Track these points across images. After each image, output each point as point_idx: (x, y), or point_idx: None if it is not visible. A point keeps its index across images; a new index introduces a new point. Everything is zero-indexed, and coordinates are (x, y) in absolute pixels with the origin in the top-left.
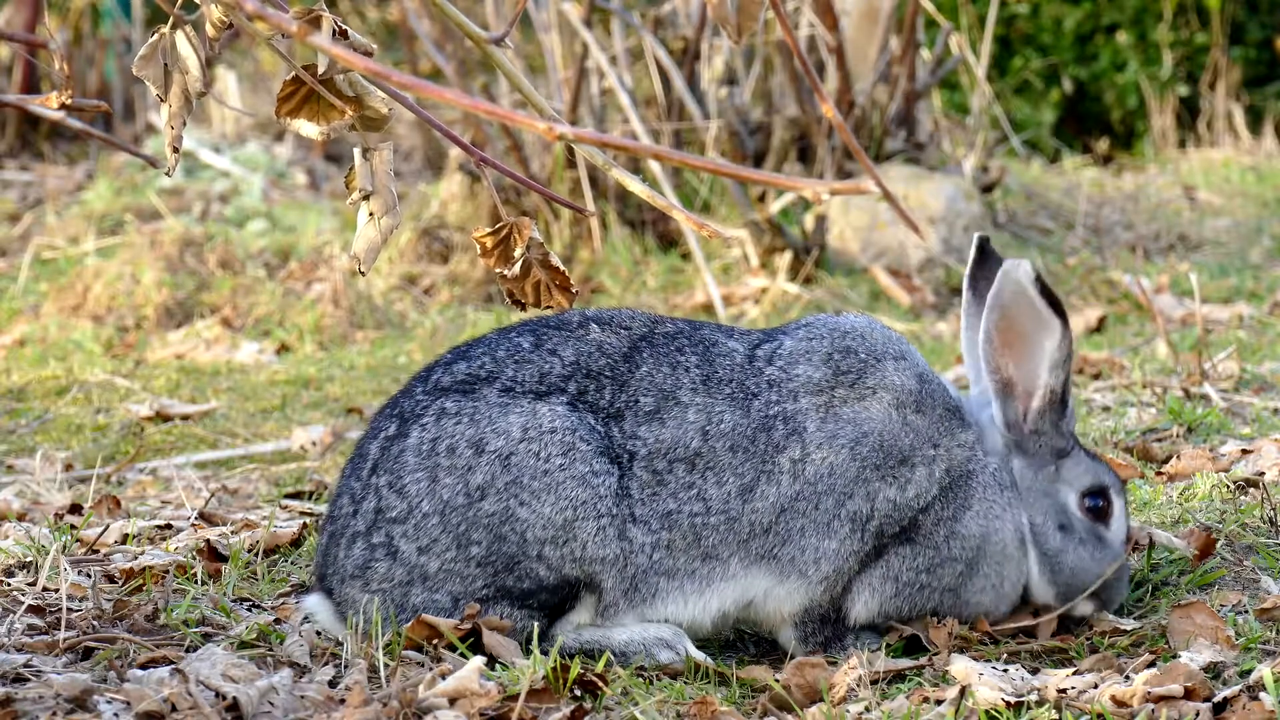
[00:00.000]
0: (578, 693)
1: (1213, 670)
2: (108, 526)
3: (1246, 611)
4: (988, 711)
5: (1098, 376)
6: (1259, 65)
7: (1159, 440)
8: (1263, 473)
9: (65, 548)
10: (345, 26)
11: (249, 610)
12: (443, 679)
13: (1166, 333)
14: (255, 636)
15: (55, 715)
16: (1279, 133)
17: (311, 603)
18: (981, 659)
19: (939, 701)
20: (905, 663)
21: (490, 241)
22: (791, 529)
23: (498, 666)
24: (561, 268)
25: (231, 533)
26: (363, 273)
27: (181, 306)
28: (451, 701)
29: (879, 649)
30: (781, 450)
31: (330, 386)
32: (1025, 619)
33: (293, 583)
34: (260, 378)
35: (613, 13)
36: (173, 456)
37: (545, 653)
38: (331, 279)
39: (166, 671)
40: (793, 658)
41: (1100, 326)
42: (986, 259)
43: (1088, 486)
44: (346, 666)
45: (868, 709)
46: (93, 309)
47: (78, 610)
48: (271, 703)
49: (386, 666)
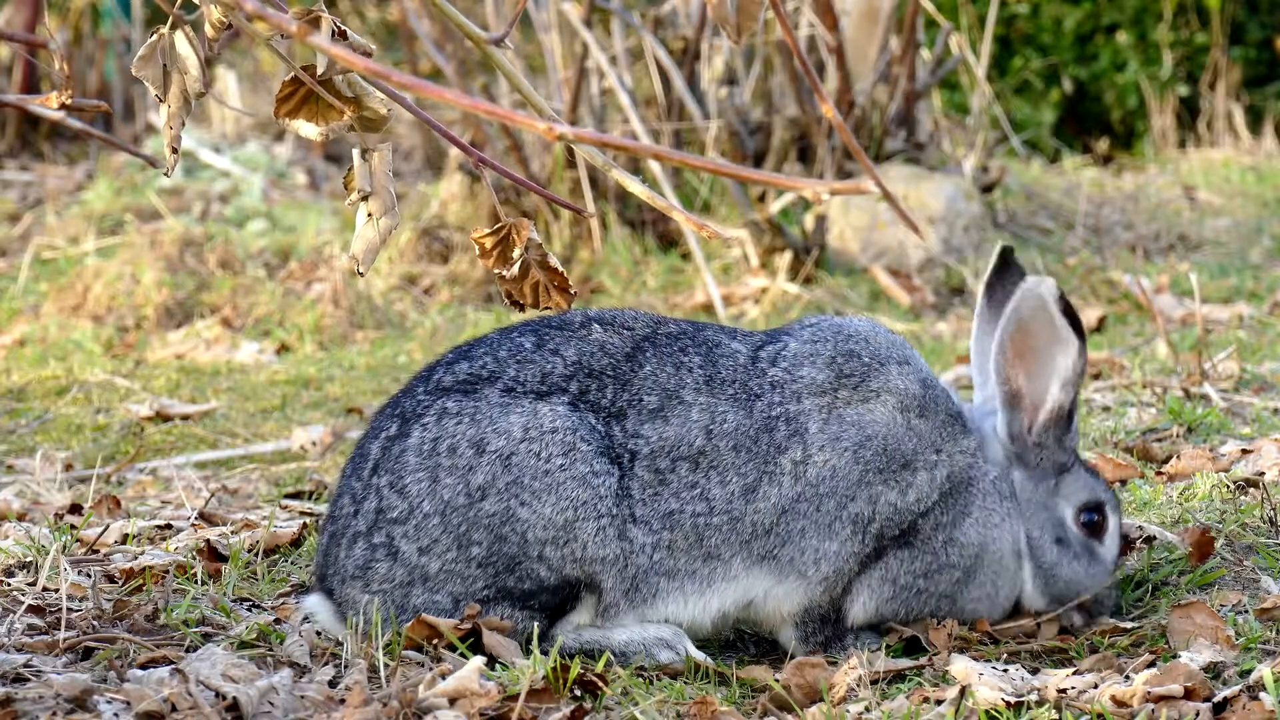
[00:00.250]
0: (578, 693)
1: (1213, 670)
2: (108, 526)
3: (1246, 611)
4: (988, 711)
5: (1098, 376)
6: (1259, 65)
7: (1159, 440)
8: (1263, 473)
9: (65, 548)
10: (344, 27)
11: (249, 610)
12: (443, 679)
13: (1166, 333)
14: (255, 636)
15: (55, 715)
16: (1279, 133)
17: (312, 603)
18: (981, 659)
19: (939, 701)
20: (905, 663)
21: (489, 242)
22: (792, 530)
23: (498, 666)
24: (560, 269)
25: (231, 533)
26: (361, 273)
27: (181, 306)
28: (451, 701)
29: (879, 649)
30: (784, 451)
31: (330, 386)
32: (1026, 622)
33: (293, 583)
34: (260, 378)
35: (613, 13)
36: (173, 456)
37: (545, 653)
38: (331, 279)
39: (166, 671)
40: (793, 657)
41: (1100, 326)
42: (1007, 268)
43: (1084, 502)
44: (346, 666)
45: (868, 709)
46: (93, 309)
47: (78, 610)
48: (271, 703)
49: (386, 666)
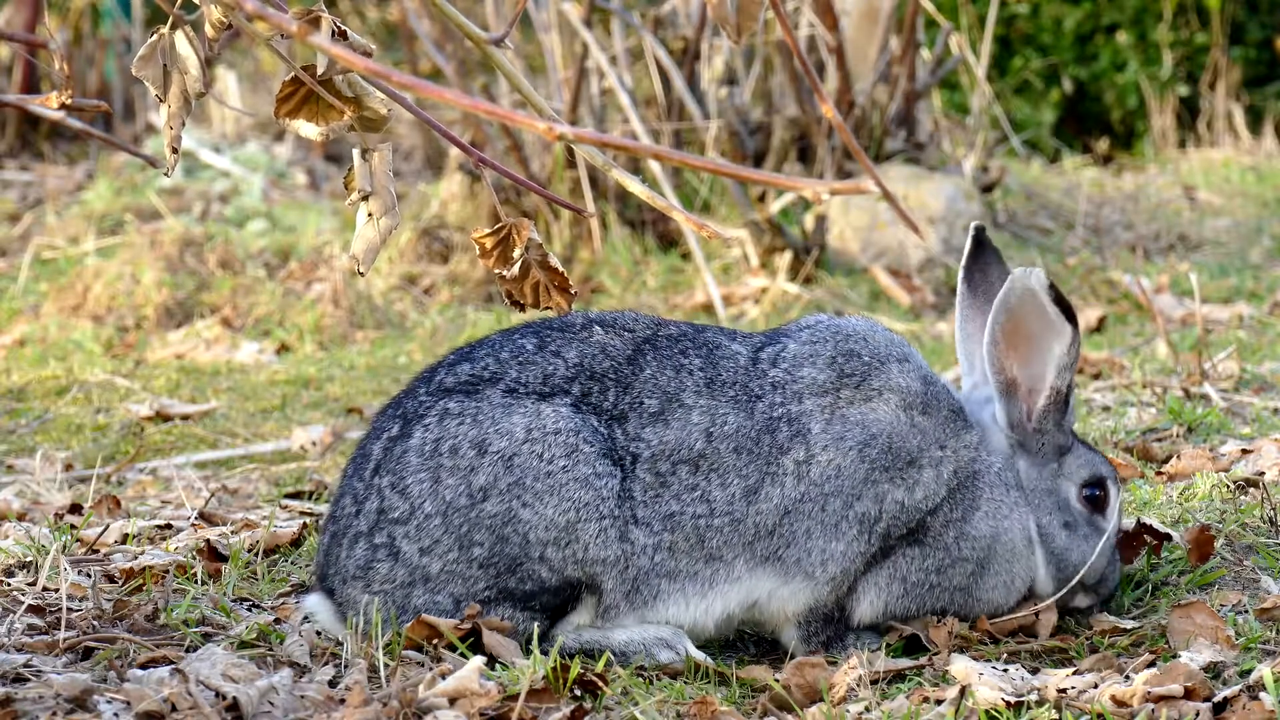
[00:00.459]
0: (578, 693)
1: (1213, 670)
2: (108, 526)
3: (1246, 611)
4: (988, 711)
5: (1098, 376)
6: (1259, 65)
7: (1159, 440)
8: (1263, 473)
9: (65, 548)
10: (344, 27)
11: (249, 610)
12: (443, 679)
13: (1166, 333)
14: (255, 636)
15: (55, 715)
16: (1279, 133)
17: (312, 603)
18: (981, 659)
19: (939, 701)
20: (905, 663)
21: (489, 242)
22: (797, 531)
23: (498, 666)
24: (560, 269)
25: (231, 533)
26: (361, 273)
27: (181, 306)
28: (451, 701)
29: (879, 649)
30: (785, 452)
31: (330, 386)
32: (1026, 616)
33: (293, 583)
34: (260, 378)
35: (613, 13)
36: (173, 456)
37: (545, 653)
38: (331, 279)
39: (166, 671)
40: (793, 657)
41: (1100, 326)
42: (982, 251)
43: (1086, 478)
44: (346, 666)
45: (868, 709)
46: (93, 309)
47: (78, 610)
48: (271, 703)
49: (386, 666)
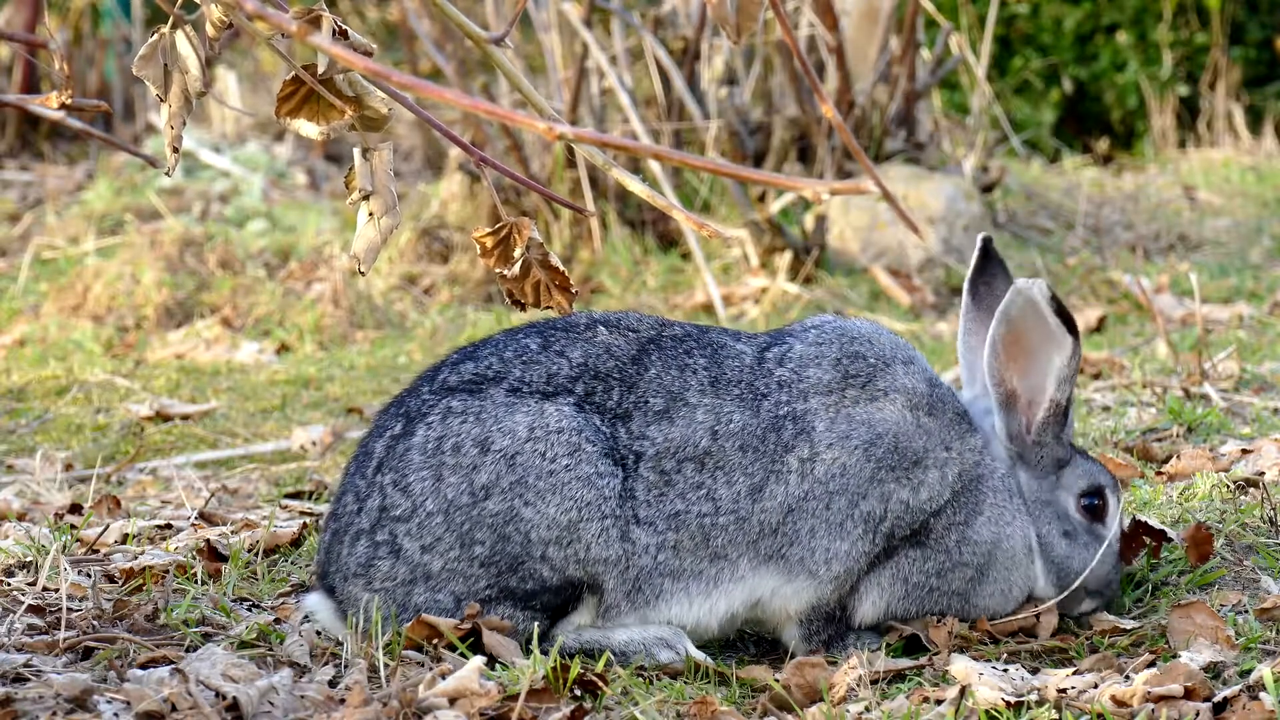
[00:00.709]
0: (578, 693)
1: (1213, 670)
2: (108, 526)
3: (1246, 611)
4: (988, 711)
5: (1098, 376)
6: (1259, 65)
7: (1159, 440)
8: (1263, 473)
9: (65, 548)
10: (345, 26)
11: (249, 610)
12: (443, 679)
13: (1166, 333)
14: (255, 636)
15: (55, 715)
16: (1279, 133)
17: (312, 601)
18: (981, 659)
19: (939, 701)
20: (905, 663)
21: (490, 241)
22: (801, 529)
23: (498, 666)
24: (561, 268)
25: (231, 533)
26: (362, 273)
27: (181, 306)
28: (451, 701)
29: (879, 649)
30: (790, 449)
31: (330, 386)
32: (1027, 617)
33: (293, 583)
34: (260, 378)
35: (613, 13)
36: (173, 456)
37: (545, 653)
38: (331, 279)
39: (166, 671)
40: (793, 657)
41: (1100, 326)
42: (989, 262)
43: (1084, 488)
44: (346, 666)
45: (868, 709)
46: (93, 309)
47: (78, 610)
48: (271, 703)
49: (386, 666)
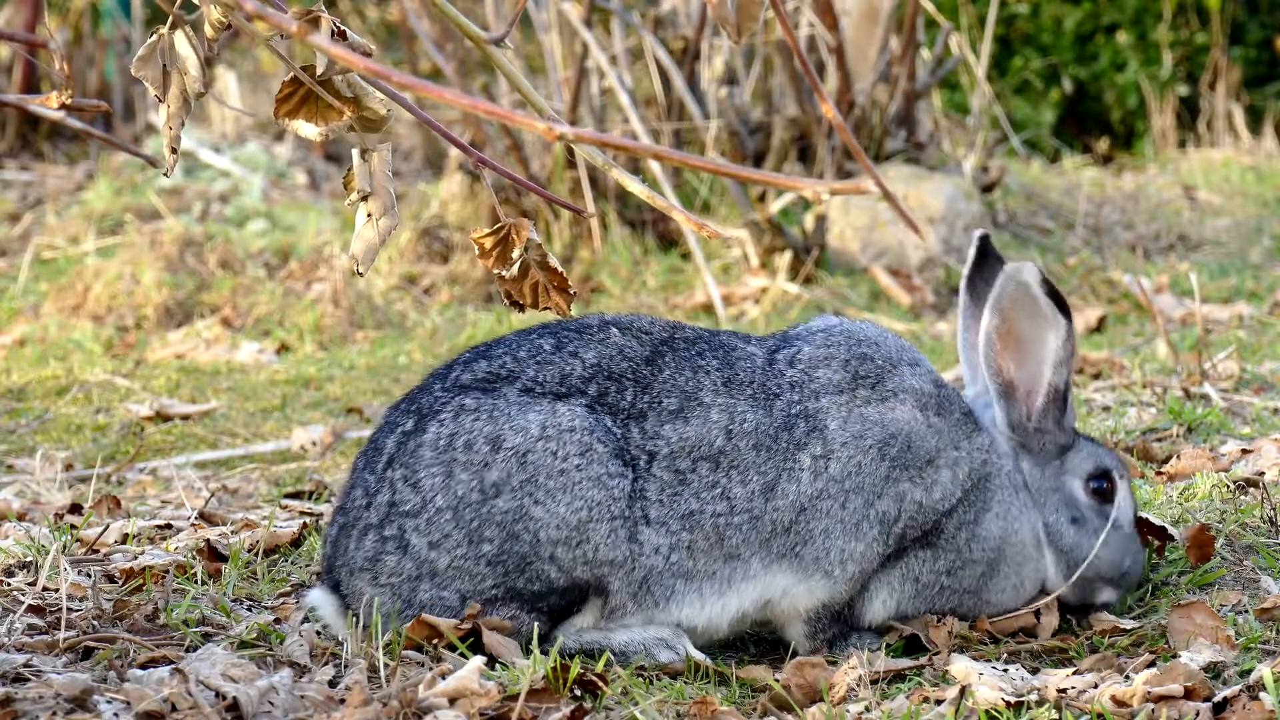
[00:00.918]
0: (578, 693)
1: (1213, 670)
2: (108, 526)
3: (1246, 611)
4: (988, 711)
5: (1098, 376)
6: (1259, 65)
7: (1159, 440)
8: (1263, 473)
9: (65, 548)
10: (344, 27)
11: (249, 610)
12: (443, 679)
13: (1166, 333)
14: (255, 636)
15: (55, 715)
16: (1279, 133)
17: (315, 596)
18: (981, 659)
19: (939, 701)
20: (905, 663)
21: (489, 242)
22: (815, 529)
23: (498, 666)
24: (559, 269)
25: (231, 533)
26: (360, 273)
27: (181, 306)
28: (451, 701)
29: (879, 649)
30: (803, 447)
31: (330, 386)
32: (1027, 614)
33: (293, 583)
34: (260, 378)
35: (613, 13)
36: (173, 456)
37: (545, 653)
38: (331, 279)
39: (166, 671)
40: (794, 655)
41: (1100, 326)
42: (986, 259)
43: (1090, 471)
44: (346, 666)
45: (868, 709)
46: (93, 309)
47: (78, 610)
48: (271, 703)
49: (386, 666)
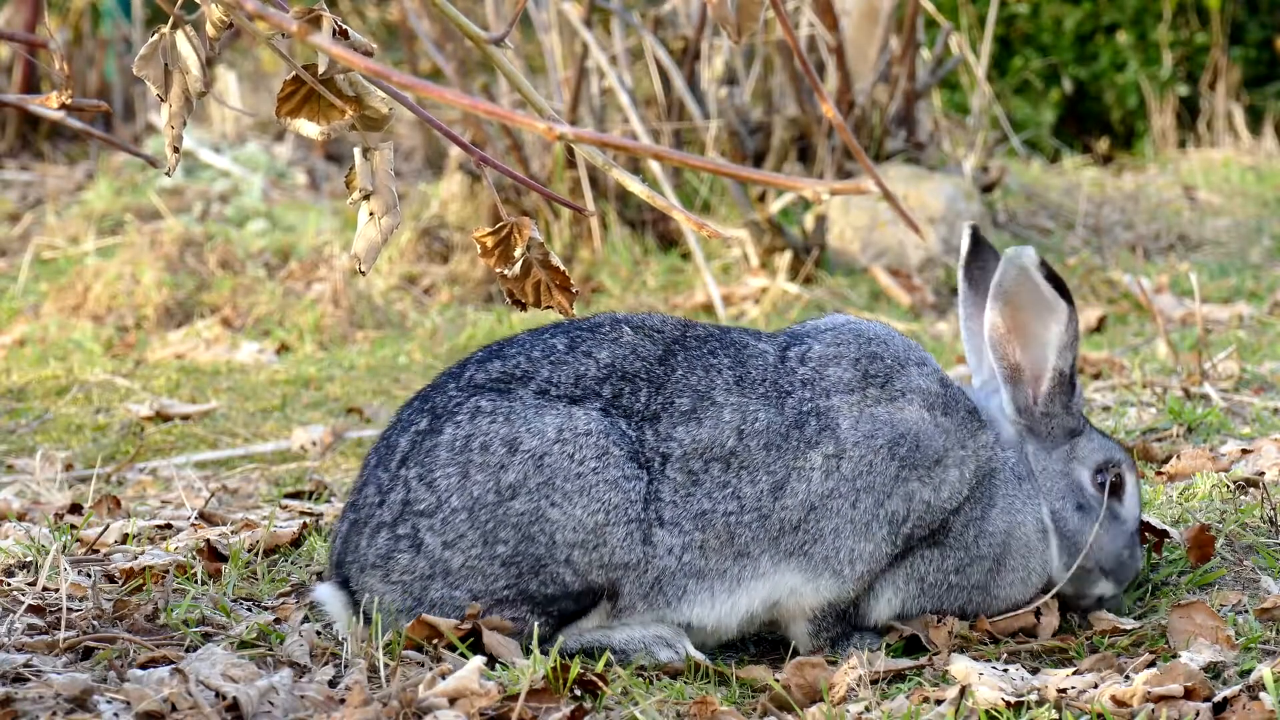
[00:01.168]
0: (578, 692)
1: (1213, 670)
2: (108, 526)
3: (1246, 611)
4: (988, 711)
5: (1098, 376)
6: (1259, 65)
7: (1159, 440)
8: (1263, 473)
9: (65, 548)
10: (345, 26)
11: (249, 610)
12: (443, 679)
13: (1166, 333)
14: (255, 636)
15: (55, 715)
16: (1279, 133)
17: (323, 592)
18: (981, 659)
19: (939, 701)
20: (905, 663)
21: (490, 241)
22: (825, 528)
23: (498, 666)
24: (562, 267)
25: (231, 533)
26: (363, 272)
27: (181, 306)
28: (451, 701)
29: (879, 649)
30: (814, 446)
31: (330, 386)
32: (1027, 614)
33: (293, 582)
34: (260, 378)
35: (613, 13)
36: (173, 456)
37: (545, 652)
38: (331, 279)
39: (166, 671)
40: (795, 655)
41: (1100, 326)
42: (980, 249)
43: (1100, 462)
44: (346, 666)
45: (868, 709)
46: (93, 309)
47: (78, 610)
48: (271, 703)
49: (386, 666)
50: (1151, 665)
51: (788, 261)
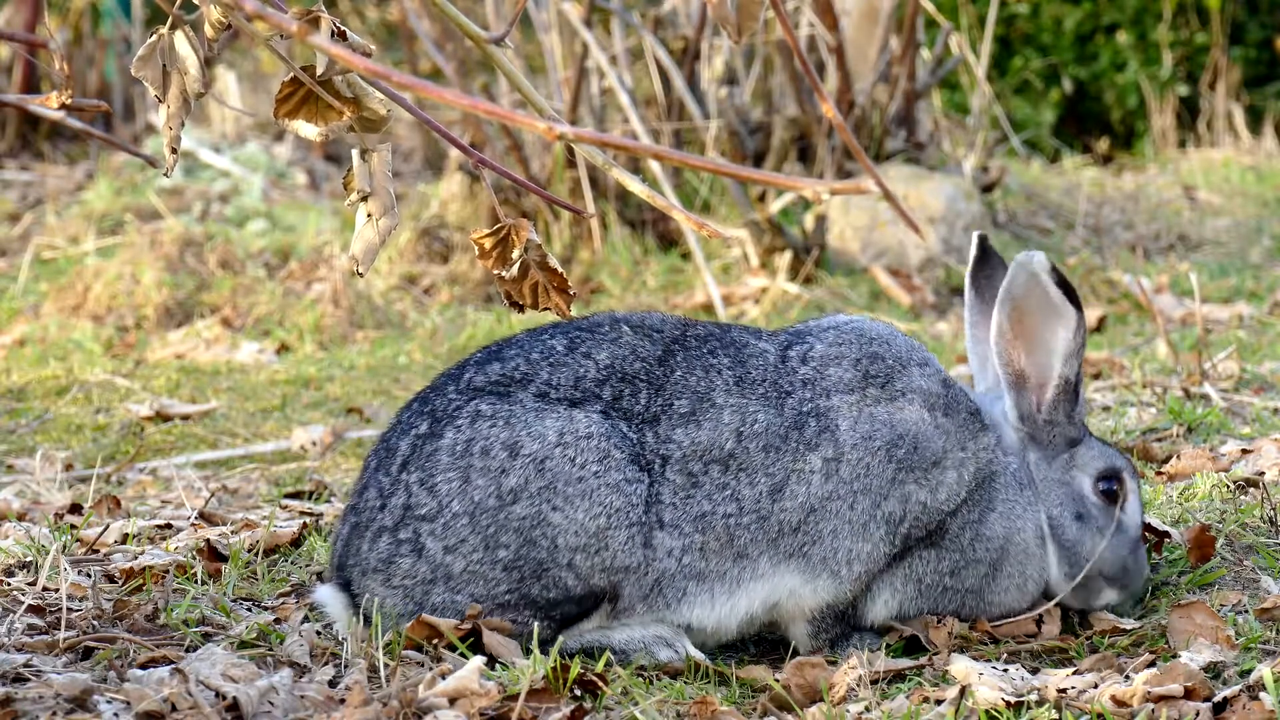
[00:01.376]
0: (578, 692)
1: (1213, 670)
2: (108, 526)
3: (1246, 611)
4: (988, 711)
5: (1098, 376)
6: (1259, 65)
7: (1159, 440)
8: (1263, 473)
9: (65, 548)
10: (344, 27)
11: (249, 610)
12: (443, 679)
13: (1166, 333)
14: (255, 636)
15: (55, 715)
16: (1279, 133)
17: (324, 594)
18: (981, 659)
19: (939, 701)
20: (905, 663)
21: (489, 243)
22: (823, 529)
23: (498, 666)
24: (559, 269)
25: (231, 533)
26: (360, 274)
27: (181, 306)
28: (451, 701)
29: (879, 649)
30: (814, 448)
31: (330, 386)
32: (1032, 619)
33: (293, 583)
34: (260, 378)
35: (613, 13)
36: (173, 456)
37: (545, 653)
38: (331, 279)
39: (166, 671)
40: (794, 655)
41: (1100, 326)
42: (988, 258)
43: (1101, 470)
44: (346, 666)
45: (868, 709)
46: (93, 309)
47: (78, 610)
48: (271, 703)
49: (386, 666)
50: (1151, 665)
51: (788, 261)
